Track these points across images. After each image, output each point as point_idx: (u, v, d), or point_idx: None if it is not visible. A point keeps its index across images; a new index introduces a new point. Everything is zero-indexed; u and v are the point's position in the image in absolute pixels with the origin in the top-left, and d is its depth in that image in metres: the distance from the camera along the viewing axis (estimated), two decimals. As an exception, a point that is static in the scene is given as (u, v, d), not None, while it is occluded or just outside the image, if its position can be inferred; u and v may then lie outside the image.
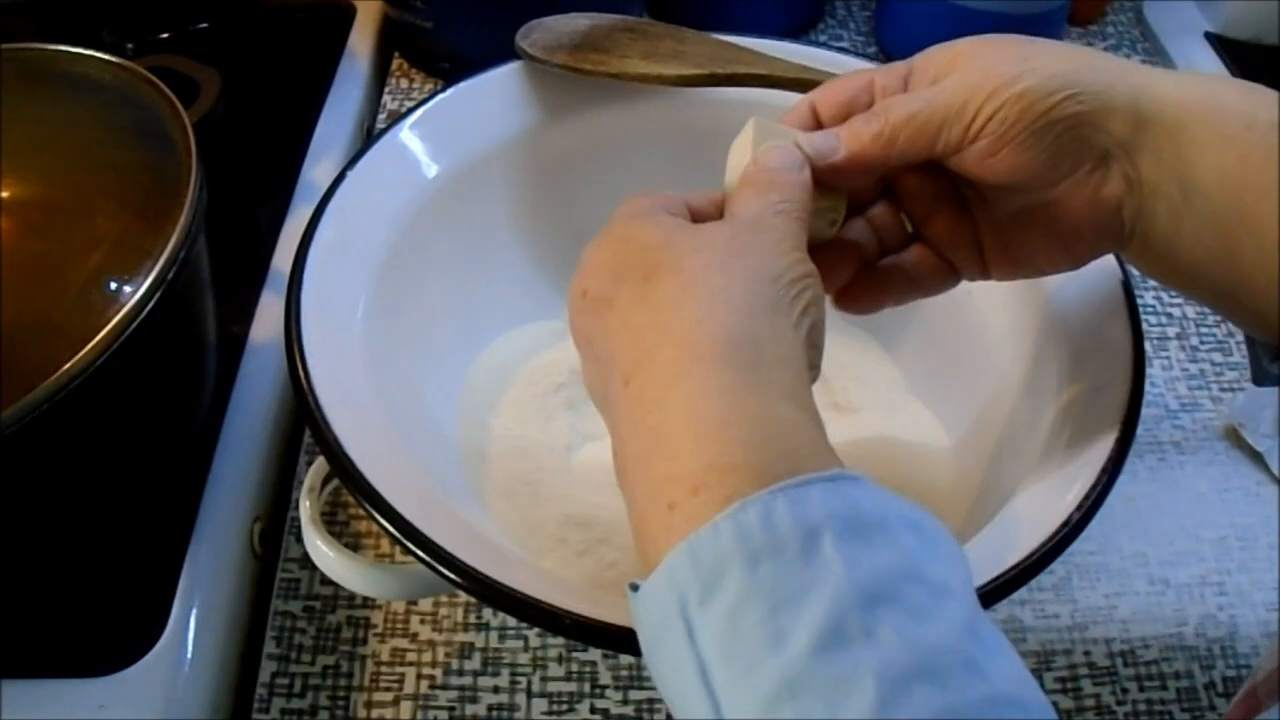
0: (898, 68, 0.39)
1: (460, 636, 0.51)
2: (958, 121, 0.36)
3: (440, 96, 0.53)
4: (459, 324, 0.54)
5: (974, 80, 0.36)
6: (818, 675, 0.24)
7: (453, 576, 0.36)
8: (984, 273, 0.41)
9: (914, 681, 0.24)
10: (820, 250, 0.38)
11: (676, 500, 0.28)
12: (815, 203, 0.37)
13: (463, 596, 0.52)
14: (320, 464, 0.43)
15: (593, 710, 0.48)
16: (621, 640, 0.34)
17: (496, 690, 0.49)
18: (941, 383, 0.55)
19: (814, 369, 0.34)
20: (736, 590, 0.26)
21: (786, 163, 0.36)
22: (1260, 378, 0.38)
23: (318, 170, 0.69)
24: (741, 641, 0.25)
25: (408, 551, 0.37)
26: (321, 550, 0.41)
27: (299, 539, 0.52)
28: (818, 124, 0.39)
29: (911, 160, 0.37)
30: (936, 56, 0.38)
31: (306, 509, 0.43)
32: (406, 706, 0.48)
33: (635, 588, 0.28)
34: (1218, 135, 0.35)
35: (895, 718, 0.24)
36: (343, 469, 0.39)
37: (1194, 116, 0.35)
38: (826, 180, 0.37)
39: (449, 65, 0.79)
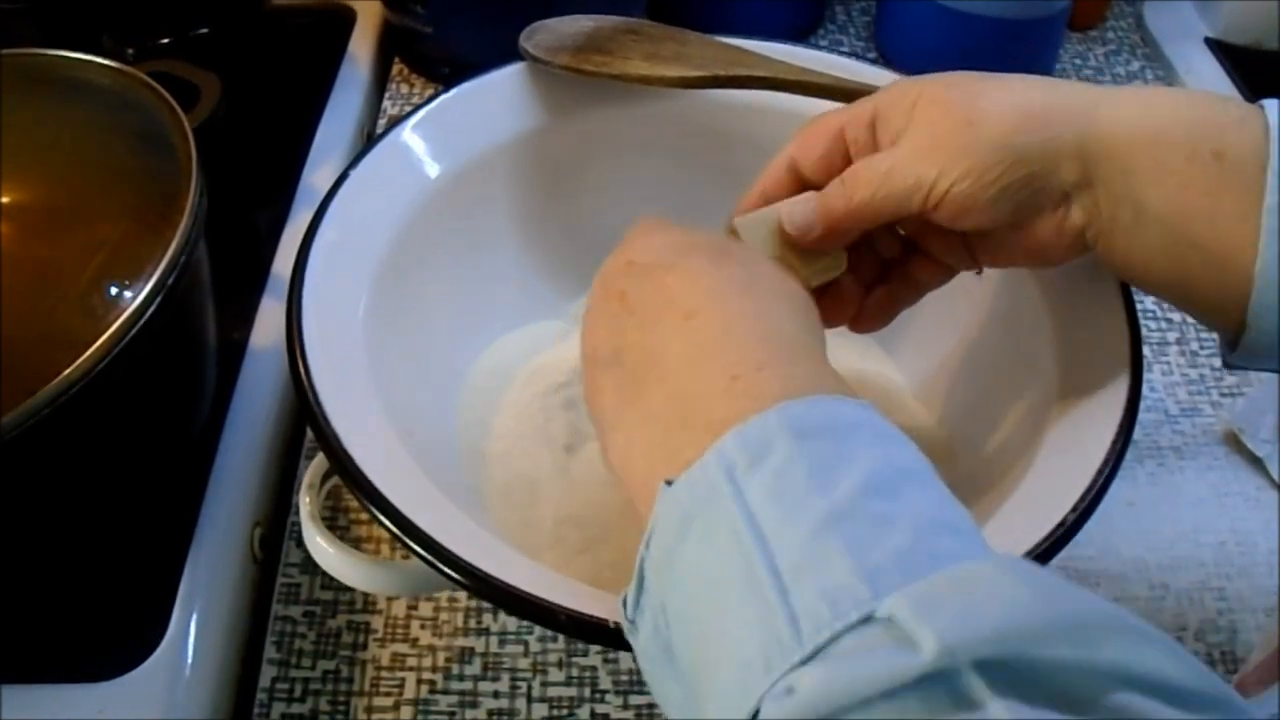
0: (863, 111, 0.41)
1: (460, 641, 0.51)
2: (916, 193, 0.39)
3: (443, 97, 0.53)
4: (460, 324, 0.54)
5: (923, 154, 0.39)
6: (860, 511, 0.26)
7: (449, 572, 0.36)
8: (976, 268, 0.44)
9: (942, 532, 0.27)
10: (827, 288, 0.42)
11: (740, 374, 0.31)
12: (820, 261, 0.41)
13: (463, 601, 0.52)
14: (320, 461, 0.42)
15: (593, 715, 0.48)
16: (618, 638, 0.34)
17: (497, 695, 0.49)
18: (940, 384, 0.55)
19: None
20: (783, 455, 0.28)
21: None
22: (1228, 363, 0.40)
23: (318, 175, 0.69)
24: (789, 491, 0.27)
25: (404, 546, 0.37)
26: (321, 546, 0.41)
27: (299, 544, 0.52)
28: (799, 180, 0.43)
29: (882, 222, 0.41)
30: (897, 101, 0.40)
31: (306, 505, 0.43)
32: (407, 711, 0.48)
33: (670, 483, 0.29)
34: (1161, 168, 0.37)
35: (926, 549, 0.26)
36: (342, 466, 0.39)
37: (1139, 151, 0.37)
38: (816, 248, 0.41)
39: (449, 70, 0.79)
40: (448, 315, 0.53)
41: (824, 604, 0.24)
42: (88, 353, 0.41)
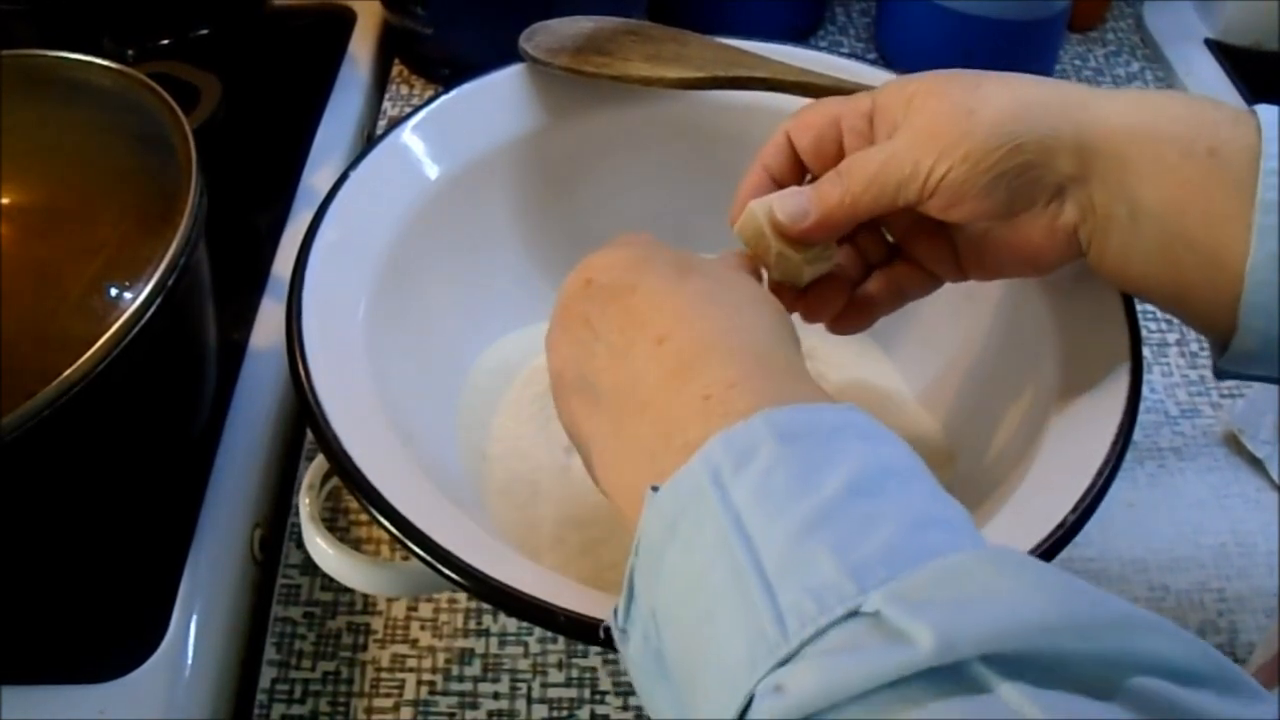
0: (862, 103, 0.42)
1: (460, 642, 0.51)
2: (912, 182, 0.38)
3: (443, 98, 0.53)
4: (460, 324, 0.54)
5: (921, 142, 0.38)
6: (846, 511, 0.27)
7: (449, 573, 0.36)
8: (963, 278, 0.44)
9: (930, 527, 0.27)
10: (816, 284, 0.43)
11: (713, 393, 0.31)
12: (809, 250, 0.41)
13: (463, 602, 0.52)
14: (320, 462, 0.42)
15: (593, 716, 0.48)
16: (618, 639, 0.34)
17: (497, 696, 0.49)
18: (941, 386, 0.55)
19: None
20: (769, 457, 0.28)
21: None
22: (1219, 372, 0.40)
23: (318, 177, 0.69)
24: (775, 492, 0.27)
25: (404, 547, 0.37)
26: (320, 547, 0.41)
27: (299, 545, 0.52)
28: (793, 154, 0.43)
29: (877, 214, 0.40)
30: (895, 95, 0.41)
31: (306, 505, 0.43)
32: (407, 712, 0.48)
33: (656, 489, 0.30)
34: (1157, 164, 0.37)
35: (913, 544, 0.26)
36: (341, 466, 0.39)
37: (1134, 146, 0.37)
38: (807, 238, 0.41)
39: (449, 71, 0.79)
40: (448, 315, 0.53)
41: (810, 600, 0.25)
42: (88, 354, 0.41)
